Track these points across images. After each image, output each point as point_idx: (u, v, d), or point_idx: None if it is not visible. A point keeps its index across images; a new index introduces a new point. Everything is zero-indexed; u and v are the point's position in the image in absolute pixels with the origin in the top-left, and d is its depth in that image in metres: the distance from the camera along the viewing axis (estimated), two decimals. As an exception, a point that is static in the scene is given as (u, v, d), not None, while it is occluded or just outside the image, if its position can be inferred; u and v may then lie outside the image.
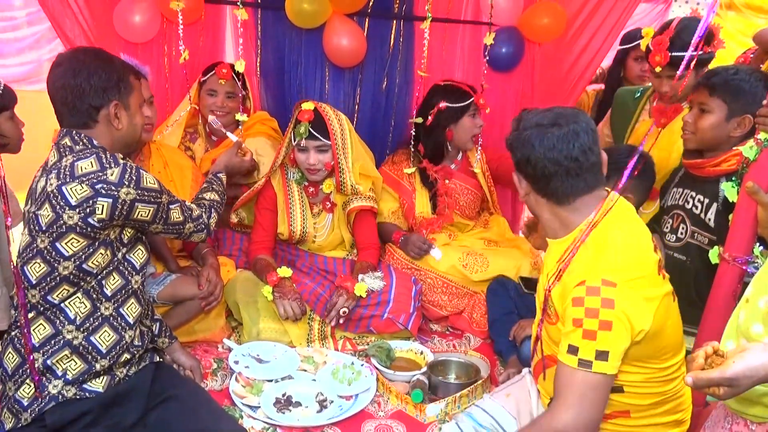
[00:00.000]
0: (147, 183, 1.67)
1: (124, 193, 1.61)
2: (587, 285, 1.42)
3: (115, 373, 1.72)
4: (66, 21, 2.65)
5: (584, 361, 1.40)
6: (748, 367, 1.09)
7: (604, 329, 1.39)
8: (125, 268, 1.73)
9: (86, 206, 1.58)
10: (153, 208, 1.69)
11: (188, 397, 1.80)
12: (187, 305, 2.29)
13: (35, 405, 1.61)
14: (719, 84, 2.01)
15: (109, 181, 1.59)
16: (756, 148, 1.69)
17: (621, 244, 1.48)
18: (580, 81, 3.03)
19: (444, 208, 2.84)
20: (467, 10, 3.03)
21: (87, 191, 1.57)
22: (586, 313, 1.40)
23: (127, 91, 1.73)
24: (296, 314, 2.39)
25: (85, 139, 1.67)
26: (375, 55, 2.94)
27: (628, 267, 1.45)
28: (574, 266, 1.49)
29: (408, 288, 2.54)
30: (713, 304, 1.79)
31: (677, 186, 2.24)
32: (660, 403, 1.57)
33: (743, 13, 5.13)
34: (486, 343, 2.57)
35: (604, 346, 1.39)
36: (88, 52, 1.74)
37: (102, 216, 1.59)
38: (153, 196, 1.69)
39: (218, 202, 2.07)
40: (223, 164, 2.30)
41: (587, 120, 1.52)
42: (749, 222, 1.71)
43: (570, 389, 1.42)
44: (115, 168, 1.62)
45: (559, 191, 1.51)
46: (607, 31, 2.91)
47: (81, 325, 1.66)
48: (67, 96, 1.64)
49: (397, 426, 2.02)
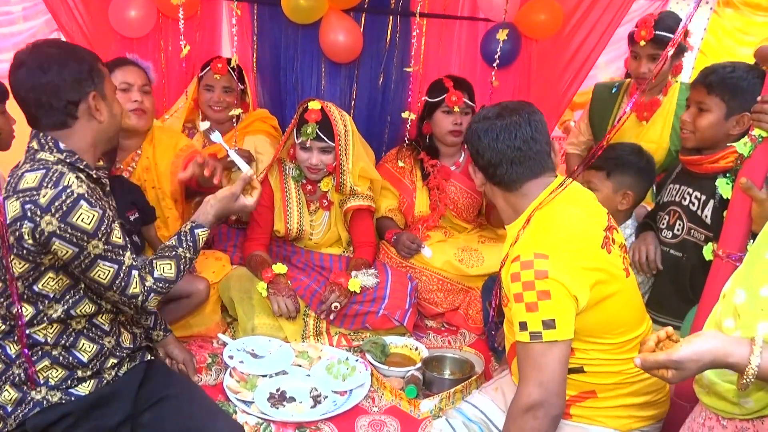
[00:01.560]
0: (78, 220, 1.44)
1: (45, 222, 1.42)
2: (521, 260, 1.49)
3: (103, 376, 1.64)
4: (62, 15, 2.66)
5: (534, 333, 1.45)
6: (695, 351, 1.13)
7: (543, 299, 1.45)
8: (94, 292, 1.58)
9: (14, 228, 1.43)
10: (73, 250, 1.46)
11: (182, 395, 1.73)
12: (182, 302, 2.28)
13: (19, 411, 1.54)
14: (717, 82, 2.01)
15: (38, 203, 1.42)
16: (750, 145, 1.69)
17: (559, 220, 1.56)
18: (577, 78, 3.03)
19: (436, 202, 2.83)
20: (464, 6, 3.03)
21: (18, 211, 1.42)
22: (524, 287, 1.47)
23: (101, 79, 1.57)
24: (290, 311, 2.38)
25: (50, 143, 1.52)
26: (371, 51, 2.95)
27: (562, 239, 1.52)
28: (516, 245, 1.57)
29: (404, 285, 2.53)
30: (706, 300, 1.79)
31: (674, 182, 2.24)
32: (624, 383, 1.59)
33: (741, 10, 5.13)
34: (481, 339, 2.57)
35: (549, 315, 1.45)
36: (50, 44, 1.55)
37: (29, 241, 1.43)
38: (78, 237, 1.45)
39: (169, 282, 1.64)
40: (214, 214, 1.75)
41: (531, 111, 1.62)
42: (743, 218, 1.71)
43: (528, 363, 1.47)
44: (50, 190, 1.43)
45: (506, 178, 1.62)
46: (603, 28, 2.91)
47: (56, 344, 1.57)
48: (40, 96, 1.48)
49: (391, 421, 2.02)
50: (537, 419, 1.44)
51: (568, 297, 1.46)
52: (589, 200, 1.68)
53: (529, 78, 3.08)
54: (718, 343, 1.13)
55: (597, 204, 1.68)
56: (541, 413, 1.44)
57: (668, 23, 2.48)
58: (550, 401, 1.45)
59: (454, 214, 2.87)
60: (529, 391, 1.45)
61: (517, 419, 1.47)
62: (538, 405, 1.44)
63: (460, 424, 1.76)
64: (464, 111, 2.73)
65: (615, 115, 2.75)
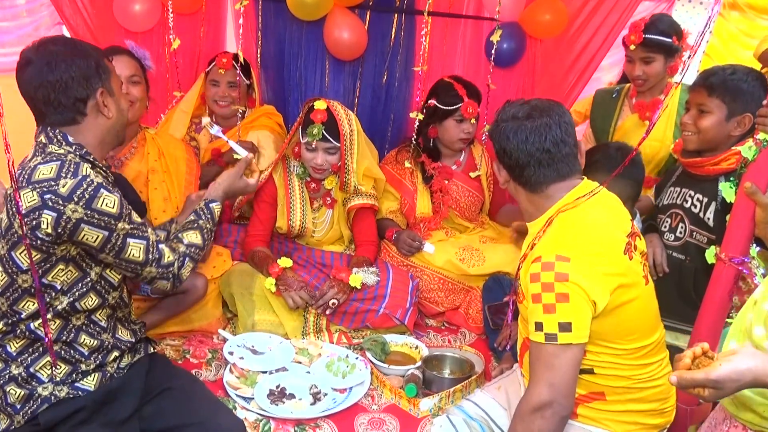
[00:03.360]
0: (102, 205, 1.47)
1: (70, 210, 1.44)
2: (542, 261, 1.48)
3: (106, 369, 1.63)
4: (66, 9, 2.65)
5: (549, 335, 1.45)
6: (735, 371, 1.09)
7: (561, 301, 1.44)
8: (102, 287, 1.59)
9: (32, 217, 1.44)
10: (103, 234, 1.49)
11: (184, 388, 1.75)
12: (178, 298, 2.28)
13: (27, 407, 1.54)
14: (717, 84, 2.01)
15: (58, 193, 1.44)
16: (755, 149, 1.69)
17: (583, 223, 1.54)
18: (581, 78, 3.03)
19: (439, 205, 2.82)
20: (469, 5, 3.03)
21: (36, 201, 1.43)
22: (543, 288, 1.46)
23: (107, 75, 1.59)
24: (306, 301, 2.39)
25: (59, 136, 1.53)
26: (376, 49, 2.94)
27: (585, 243, 1.51)
28: (538, 246, 1.56)
29: (405, 283, 2.53)
30: (709, 303, 1.79)
31: (674, 185, 2.24)
32: (633, 388, 1.58)
33: (746, 13, 5.12)
34: (481, 339, 2.57)
35: (566, 318, 1.44)
36: (56, 41, 1.57)
37: (47, 230, 1.44)
38: (105, 221, 1.48)
39: (198, 248, 1.74)
40: (222, 190, 1.90)
41: (561, 112, 1.59)
42: (746, 222, 1.71)
43: (540, 363, 1.47)
44: (70, 180, 1.45)
45: (533, 180, 1.59)
46: (609, 29, 2.91)
47: (57, 339, 1.56)
48: (49, 94, 1.50)
49: (391, 420, 2.02)
50: (545, 419, 1.44)
51: (587, 301, 1.45)
52: (614, 204, 1.65)
53: (534, 78, 3.07)
54: (759, 362, 1.09)
55: (622, 208, 1.66)
56: (549, 413, 1.44)
57: (659, 27, 2.52)
58: (559, 402, 1.45)
59: (456, 213, 2.87)
60: (539, 390, 1.45)
61: (524, 418, 1.47)
62: (546, 405, 1.44)
63: (461, 421, 1.76)
64: (475, 118, 2.73)
65: (616, 119, 2.77)
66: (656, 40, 2.50)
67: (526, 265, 1.57)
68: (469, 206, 2.88)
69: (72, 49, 1.54)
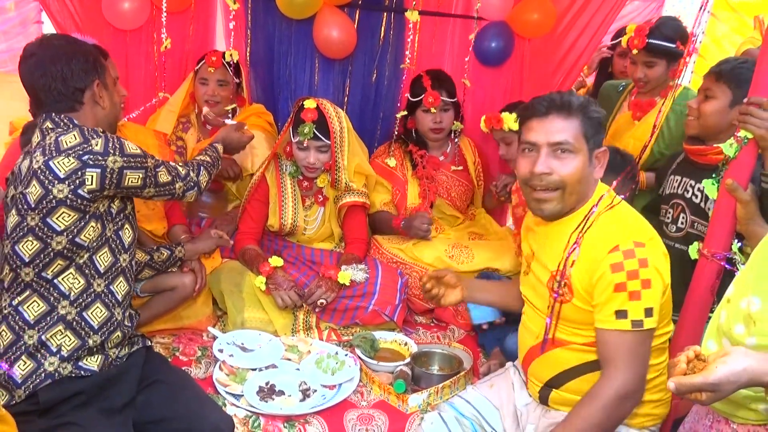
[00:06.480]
0: (130, 150, 1.69)
1: (112, 162, 1.64)
2: (622, 249, 1.51)
3: (108, 353, 1.72)
4: (53, 5, 2.64)
5: (636, 322, 1.49)
6: (732, 372, 1.09)
7: (645, 288, 1.49)
8: (115, 245, 1.75)
9: (75, 178, 1.60)
10: (141, 173, 1.72)
11: (176, 383, 1.83)
12: (166, 295, 2.28)
13: (29, 382, 1.61)
14: (726, 71, 2.03)
15: (94, 151, 1.62)
16: (736, 146, 1.71)
17: (633, 213, 1.65)
18: (569, 77, 3.05)
19: (425, 191, 2.85)
20: (458, 4, 3.04)
21: (75, 163, 1.60)
22: (628, 276, 1.49)
23: (103, 70, 1.77)
24: (294, 302, 2.40)
25: (65, 119, 1.68)
26: (365, 47, 2.95)
27: (647, 227, 1.60)
28: (593, 241, 1.57)
29: (394, 280, 2.55)
30: (692, 298, 1.82)
31: (675, 173, 2.24)
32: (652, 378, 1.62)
33: (738, 13, 5.17)
34: (470, 336, 2.59)
35: (649, 303, 1.50)
36: (59, 38, 1.77)
37: (92, 186, 1.61)
38: (139, 162, 1.71)
39: (209, 163, 2.06)
40: (221, 137, 2.28)
41: None
42: (728, 218, 1.73)
43: (623, 350, 1.50)
44: (98, 138, 1.64)
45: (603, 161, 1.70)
46: (596, 27, 2.93)
47: (75, 301, 1.68)
48: (50, 83, 1.66)
49: (380, 415, 2.04)
50: (626, 408, 1.51)
51: (663, 285, 1.53)
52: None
53: (522, 77, 3.09)
54: (753, 362, 1.10)
55: None
56: (631, 403, 1.51)
57: (664, 32, 2.51)
58: (641, 391, 1.52)
59: (447, 203, 2.90)
60: (628, 379, 1.49)
61: (608, 405, 1.49)
62: (632, 394, 1.50)
63: (452, 418, 1.78)
64: (443, 108, 2.78)
65: (615, 114, 2.79)
66: (659, 46, 2.49)
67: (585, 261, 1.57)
68: (459, 195, 2.93)
69: (73, 45, 1.73)
